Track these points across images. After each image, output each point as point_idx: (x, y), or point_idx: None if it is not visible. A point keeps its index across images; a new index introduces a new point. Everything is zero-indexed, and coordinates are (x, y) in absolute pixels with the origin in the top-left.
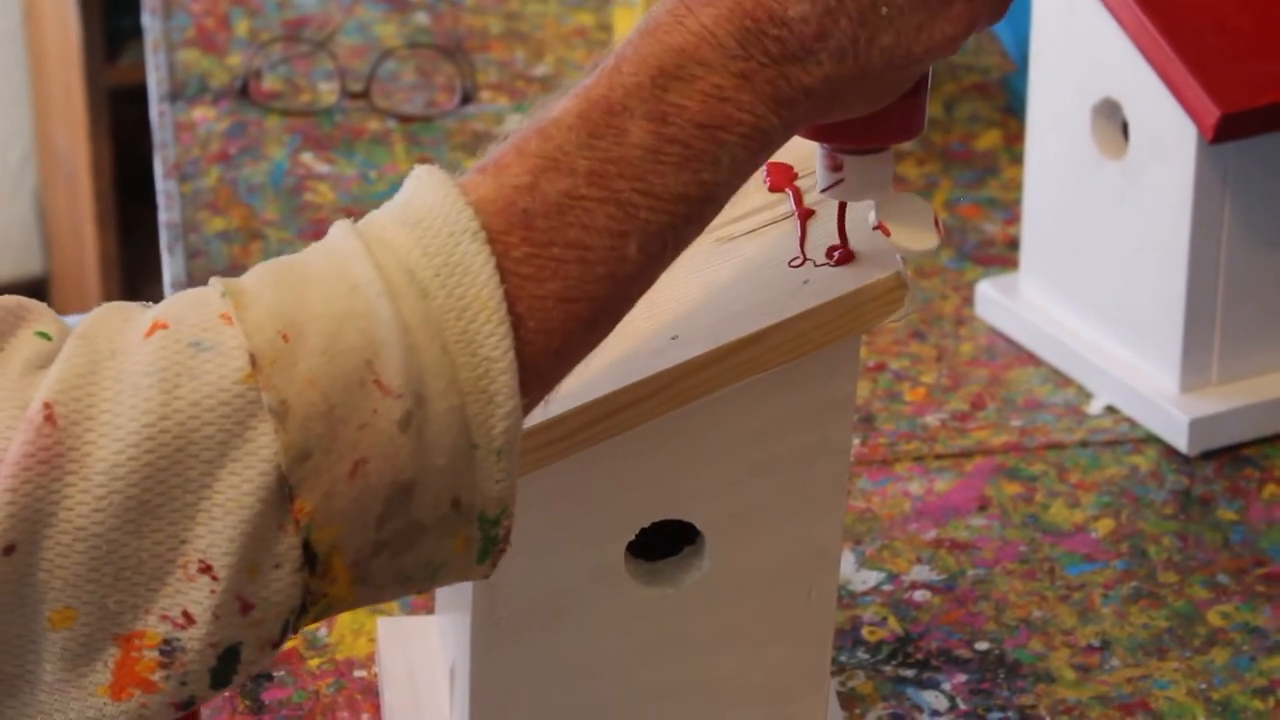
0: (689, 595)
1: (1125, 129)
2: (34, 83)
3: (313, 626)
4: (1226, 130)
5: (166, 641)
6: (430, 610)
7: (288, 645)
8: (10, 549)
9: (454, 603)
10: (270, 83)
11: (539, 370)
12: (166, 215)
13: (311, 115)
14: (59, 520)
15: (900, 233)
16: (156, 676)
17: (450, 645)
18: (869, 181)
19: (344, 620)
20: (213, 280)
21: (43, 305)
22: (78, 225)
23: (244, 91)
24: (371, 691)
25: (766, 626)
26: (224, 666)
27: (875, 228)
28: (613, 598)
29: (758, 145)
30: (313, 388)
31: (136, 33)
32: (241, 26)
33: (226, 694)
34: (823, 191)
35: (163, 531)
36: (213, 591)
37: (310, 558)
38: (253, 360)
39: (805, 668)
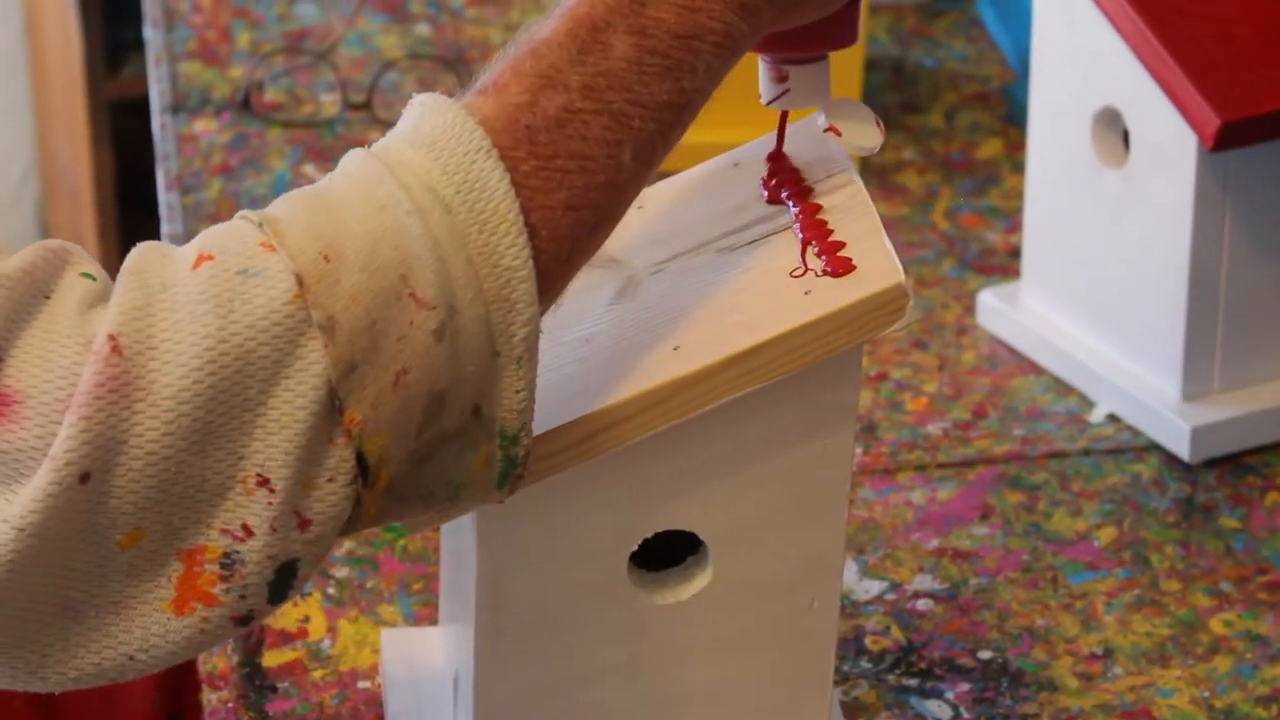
0: (692, 605)
1: (1126, 138)
2: (36, 95)
3: (316, 638)
4: (1227, 138)
5: (227, 555)
6: (434, 621)
7: (291, 657)
8: (86, 476)
9: (457, 613)
10: (272, 95)
11: (551, 277)
12: (169, 227)
13: (313, 127)
14: (130, 447)
15: (849, 131)
16: (217, 590)
17: (454, 655)
18: (812, 89)
19: (347, 632)
20: (241, 213)
21: (80, 248)
22: (80, 237)
23: (246, 103)
24: (376, 702)
25: (769, 636)
26: (281, 581)
27: (826, 129)
28: (616, 608)
29: (728, 51)
30: (356, 303)
31: (138, 45)
32: (243, 38)
33: (230, 704)
34: (768, 103)
35: (223, 450)
36: (270, 504)
37: (363, 468)
38: (299, 280)
39: (808, 677)
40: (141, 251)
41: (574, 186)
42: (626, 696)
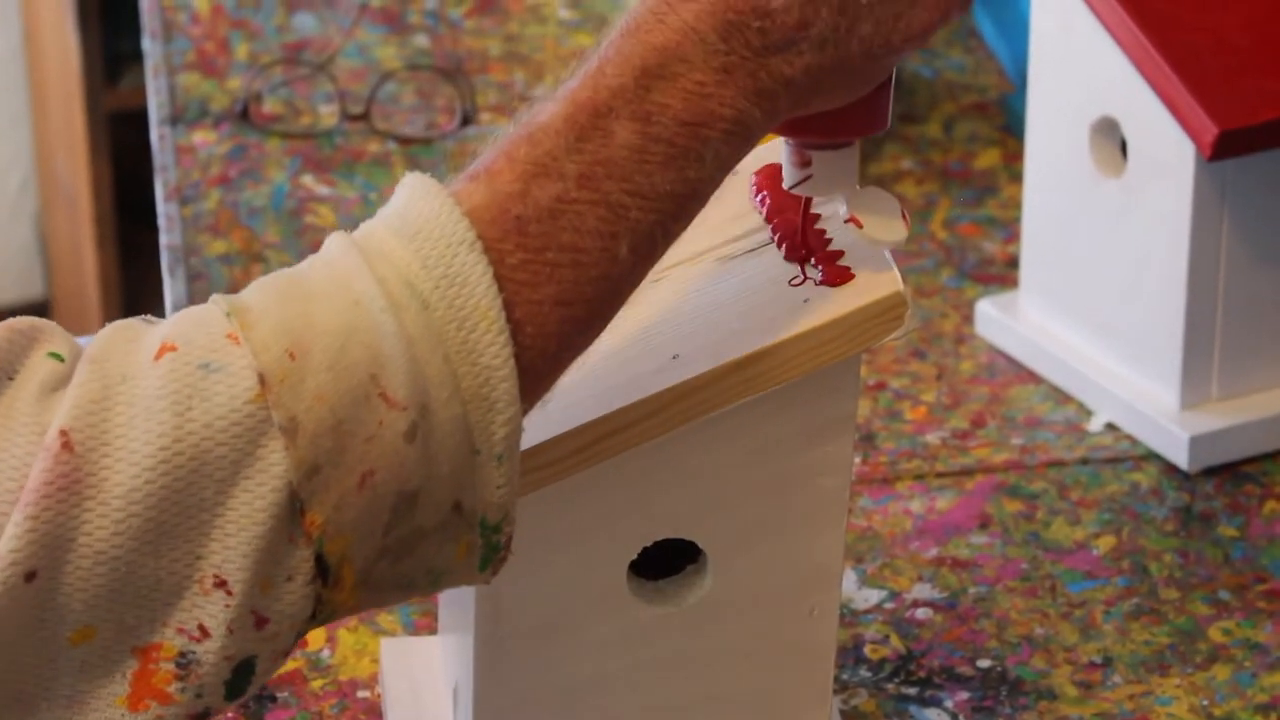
0: (692, 614)
1: (1123, 147)
2: (34, 107)
3: (315, 648)
4: (1224, 148)
5: (183, 654)
6: (433, 631)
7: (290, 666)
8: (32, 575)
9: (457, 623)
10: (270, 106)
11: (537, 373)
12: (167, 238)
13: (312, 138)
14: (79, 545)
15: (871, 224)
16: (173, 688)
17: (453, 665)
18: (836, 176)
19: (347, 641)
20: (214, 298)
21: (54, 325)
22: (78, 249)
23: (244, 114)
24: (375, 712)
25: (769, 645)
26: (239, 679)
27: (847, 220)
28: (615, 617)
29: (740, 139)
30: (321, 404)
31: (137, 57)
32: (241, 50)
33: (230, 714)
34: (790, 188)
35: (179, 550)
36: (227, 606)
37: (322, 569)
38: (261, 380)
39: (808, 686)
40: (109, 334)
41: (564, 280)
42: (626, 705)
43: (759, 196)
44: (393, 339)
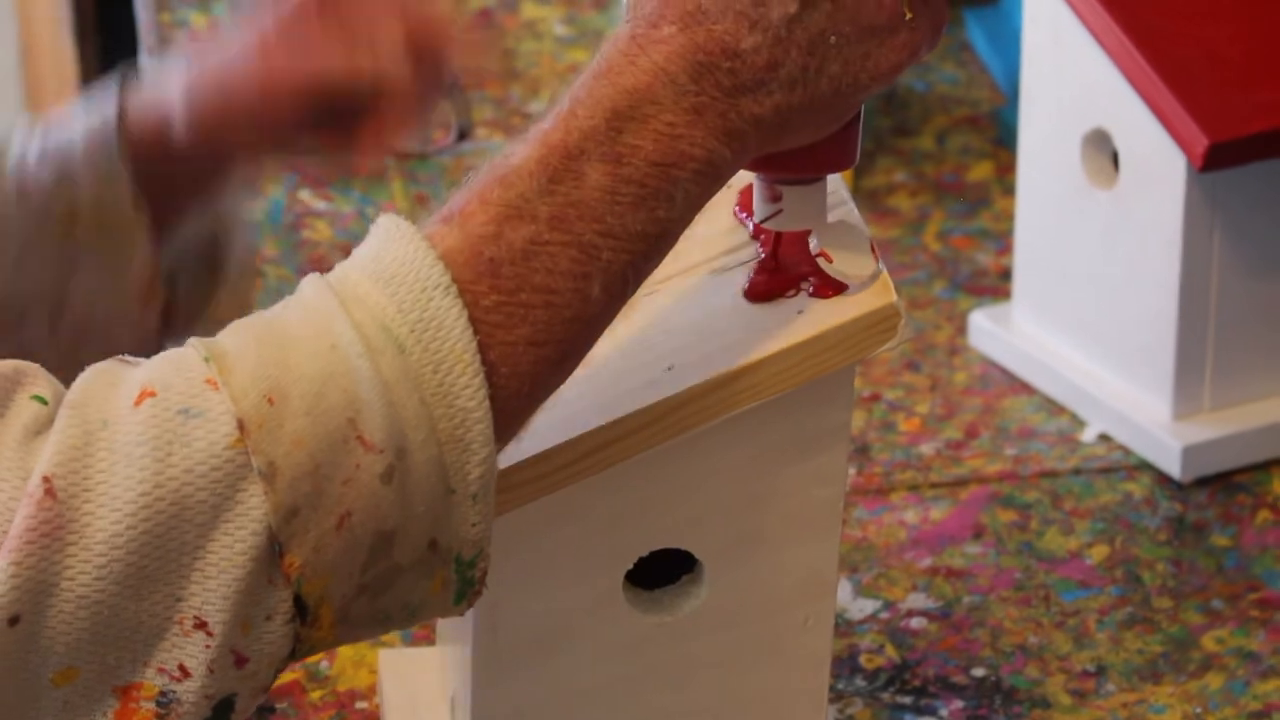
0: (687, 624)
1: (1115, 159)
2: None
3: (314, 659)
4: (1215, 159)
5: (163, 694)
6: (431, 642)
7: (289, 678)
8: (15, 620)
9: (454, 634)
10: None
11: (510, 413)
12: None
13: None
14: (61, 590)
15: (841, 259)
16: None
17: (451, 676)
18: (806, 211)
19: (345, 652)
20: (191, 341)
21: (36, 366)
22: None
23: None
24: None
25: (764, 654)
26: (219, 716)
27: (817, 255)
28: (612, 627)
29: (709, 179)
30: (299, 448)
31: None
32: None
33: None
34: (760, 223)
35: (160, 593)
36: (207, 646)
37: (301, 609)
38: (240, 425)
39: (803, 695)
40: (88, 380)
41: (538, 322)
42: (623, 715)
43: (742, 215)
44: (369, 383)
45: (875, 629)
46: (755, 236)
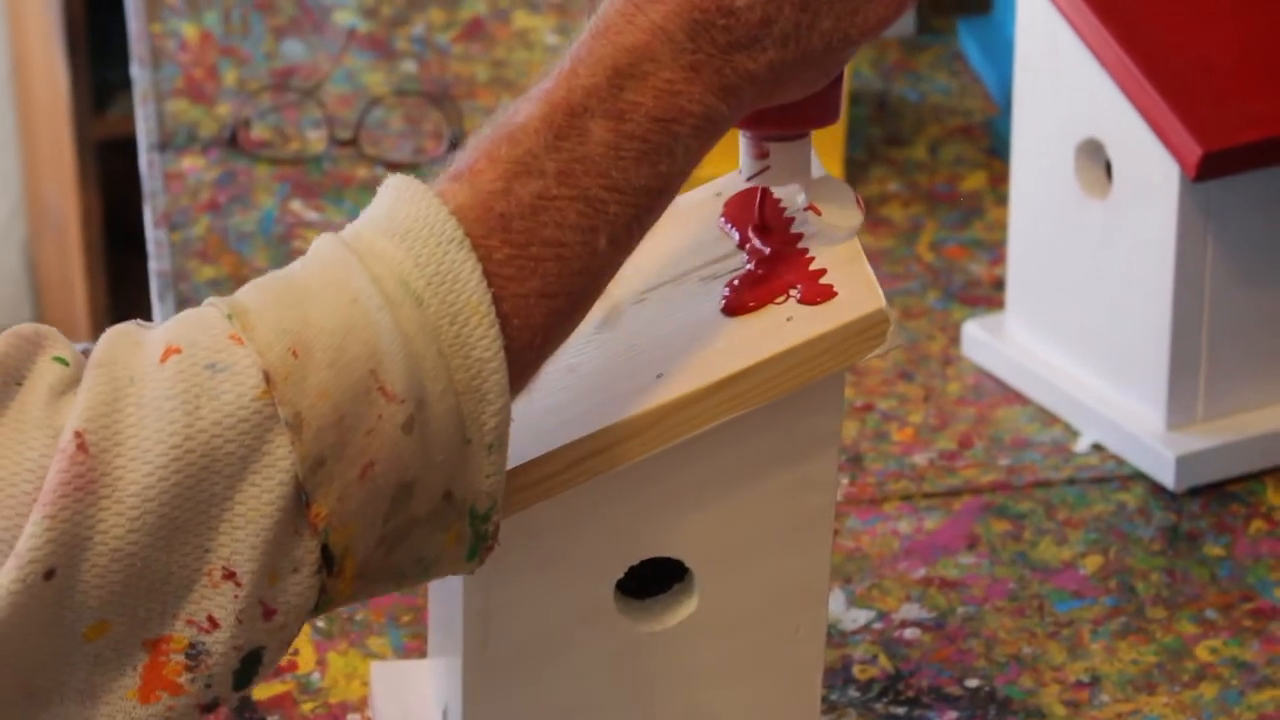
0: (678, 633)
1: (1109, 169)
2: (22, 135)
3: (306, 670)
4: (1209, 169)
5: (193, 645)
6: (423, 653)
7: (281, 690)
8: (51, 573)
9: (446, 645)
10: (259, 132)
11: (523, 364)
12: (156, 264)
13: (300, 164)
14: (95, 543)
15: (829, 212)
16: (183, 679)
17: (443, 687)
18: (793, 166)
19: (337, 664)
20: (210, 300)
21: (54, 330)
22: (67, 276)
23: (233, 141)
24: None
25: (756, 664)
26: (247, 669)
27: (806, 209)
28: (603, 636)
29: (708, 134)
30: (324, 399)
31: (125, 84)
32: (230, 76)
33: None
34: (748, 180)
35: (190, 544)
36: (236, 596)
37: (328, 559)
38: (267, 377)
39: (795, 705)
40: (111, 339)
41: (548, 274)
42: None
43: (727, 226)
44: (389, 335)
45: (868, 639)
46: (741, 246)
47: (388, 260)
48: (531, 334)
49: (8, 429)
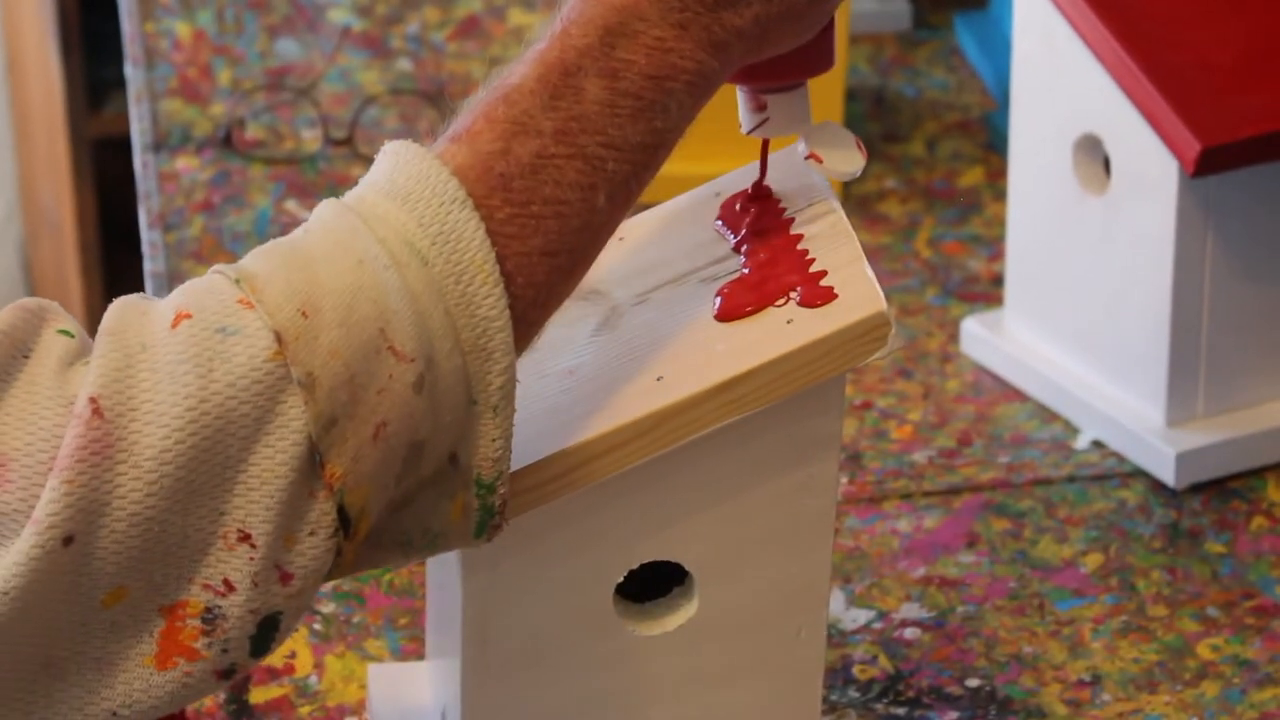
0: (679, 636)
1: (1107, 164)
2: (17, 135)
3: (303, 674)
4: (1208, 164)
5: (209, 610)
6: (421, 656)
7: (278, 693)
8: (70, 539)
9: (444, 647)
10: (253, 131)
11: (527, 322)
12: (151, 265)
13: (295, 163)
14: (113, 508)
15: (831, 157)
16: (200, 644)
17: (441, 690)
18: (792, 116)
19: (335, 667)
20: (217, 268)
21: (56, 304)
22: (63, 276)
23: (227, 140)
24: None
25: (756, 666)
26: (263, 634)
27: (807, 157)
28: (602, 639)
29: (700, 90)
30: (335, 358)
31: (119, 83)
32: (224, 76)
33: None
34: (748, 132)
35: (205, 507)
36: (251, 559)
37: (344, 521)
38: (278, 338)
39: (796, 707)
40: (119, 309)
41: (549, 232)
42: None
43: (723, 229)
44: (397, 295)
45: (868, 639)
46: (736, 250)
47: (392, 222)
48: (535, 291)
49: (19, 399)
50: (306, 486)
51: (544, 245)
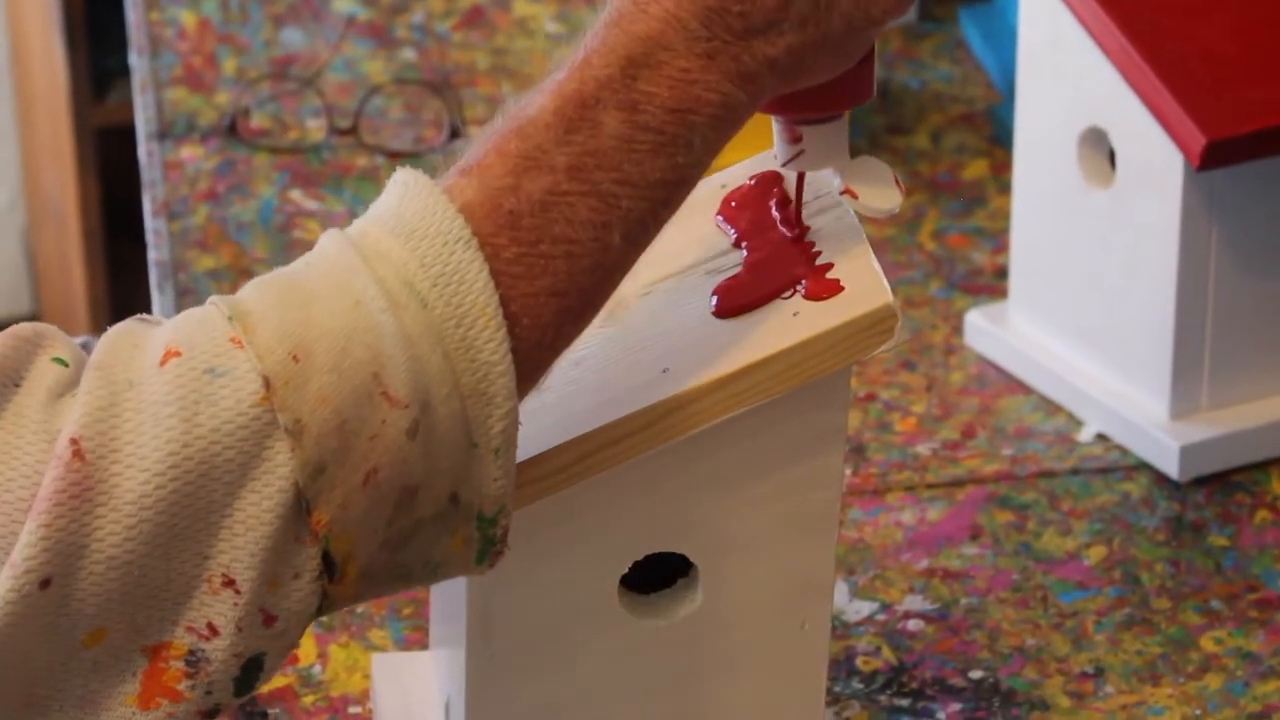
0: (683, 628)
1: (1112, 157)
2: (21, 123)
3: (307, 664)
4: (1213, 157)
5: (192, 652)
6: (425, 646)
7: (282, 683)
8: (47, 582)
9: (448, 637)
10: (258, 120)
11: (532, 364)
12: (156, 254)
13: (300, 152)
14: (92, 551)
15: (866, 193)
16: (183, 686)
17: (445, 680)
18: (828, 149)
19: (338, 657)
20: (213, 300)
21: (55, 329)
22: (66, 265)
23: (232, 129)
24: None
25: (760, 658)
26: (247, 675)
27: (842, 192)
28: (606, 631)
29: (726, 123)
30: (325, 405)
31: (124, 72)
32: (229, 65)
33: None
34: (784, 165)
35: (188, 551)
36: (235, 604)
37: (329, 565)
38: (266, 383)
39: (800, 699)
40: (112, 340)
41: (558, 272)
42: (617, 719)
43: (725, 224)
44: (393, 339)
45: (872, 631)
46: (737, 245)
47: (393, 260)
48: (541, 333)
49: (4, 432)
50: (292, 532)
51: (552, 285)
